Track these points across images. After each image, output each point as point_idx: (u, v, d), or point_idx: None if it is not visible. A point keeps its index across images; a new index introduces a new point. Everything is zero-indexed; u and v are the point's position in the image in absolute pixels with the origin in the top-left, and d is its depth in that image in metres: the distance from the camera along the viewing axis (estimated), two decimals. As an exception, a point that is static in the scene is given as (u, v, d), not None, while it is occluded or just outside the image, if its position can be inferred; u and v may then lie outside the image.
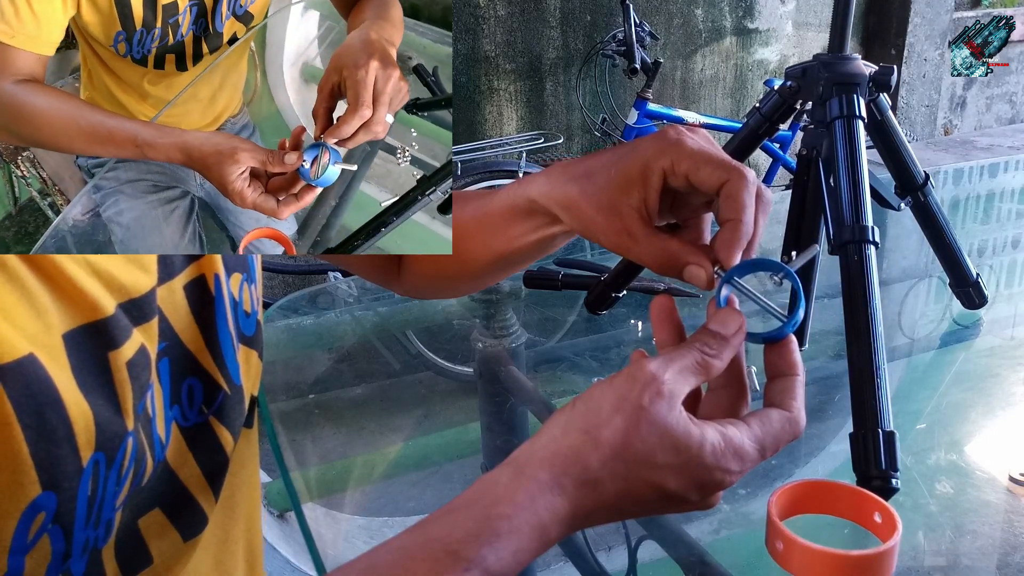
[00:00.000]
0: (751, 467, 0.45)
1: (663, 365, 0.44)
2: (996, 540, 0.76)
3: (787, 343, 0.49)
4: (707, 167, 0.47)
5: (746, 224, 0.47)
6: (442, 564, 0.39)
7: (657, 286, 1.16)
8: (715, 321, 0.47)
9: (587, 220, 0.50)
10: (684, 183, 0.49)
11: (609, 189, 0.50)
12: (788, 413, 0.46)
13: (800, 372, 0.48)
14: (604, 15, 3.46)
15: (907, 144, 0.98)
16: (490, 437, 1.08)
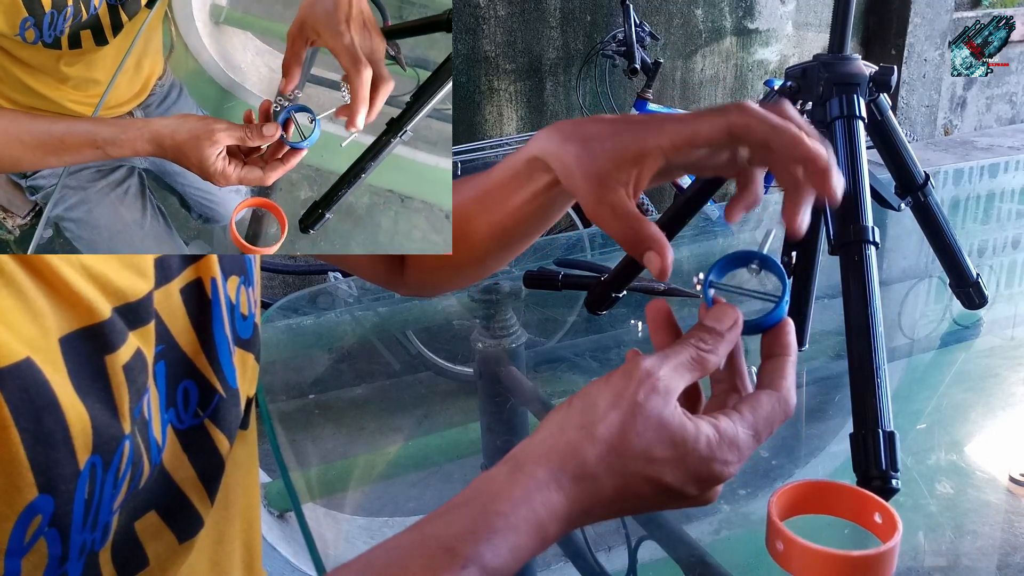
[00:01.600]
0: (748, 454, 0.45)
1: (658, 362, 0.44)
2: (996, 540, 0.76)
3: (782, 324, 0.49)
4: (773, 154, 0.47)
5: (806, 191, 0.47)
6: (439, 561, 0.39)
7: (657, 286, 1.16)
8: (709, 317, 0.47)
9: (574, 184, 0.51)
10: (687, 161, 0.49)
11: (603, 159, 0.50)
12: (777, 393, 0.46)
13: (792, 353, 0.48)
14: (604, 15, 3.46)
15: (907, 144, 0.98)
16: (490, 437, 1.08)
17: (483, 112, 3.37)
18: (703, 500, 0.46)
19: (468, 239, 0.61)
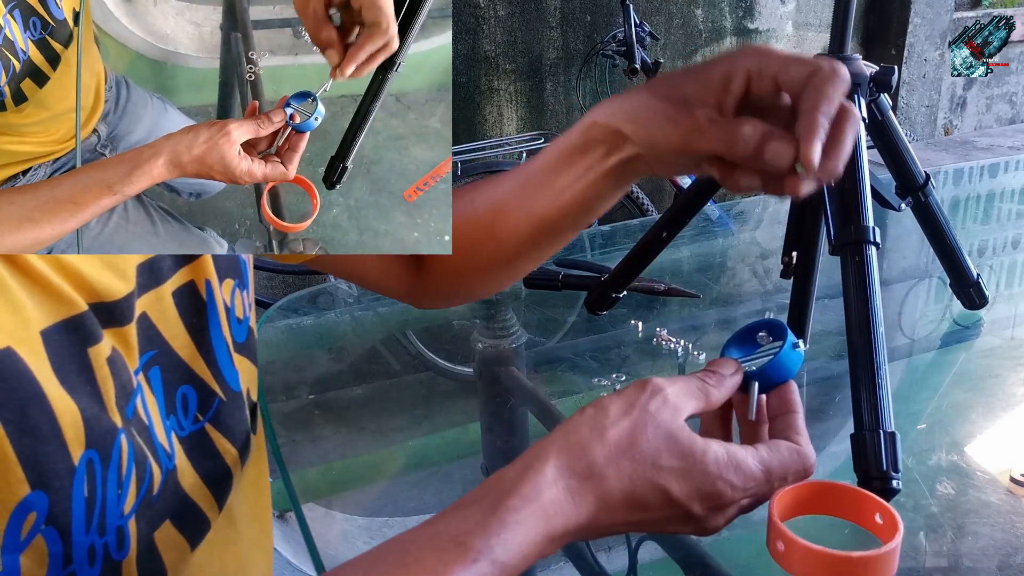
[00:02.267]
0: (754, 489, 0.46)
1: (668, 382, 0.47)
2: (997, 541, 0.76)
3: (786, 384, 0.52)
4: (796, 64, 0.47)
5: (824, 115, 0.45)
6: (450, 554, 0.40)
7: (657, 286, 1.16)
8: (713, 364, 0.51)
9: (659, 119, 0.49)
10: (770, 86, 0.47)
11: (686, 88, 0.49)
12: (796, 446, 0.48)
13: (799, 409, 0.51)
14: (604, 15, 3.45)
15: (908, 144, 0.98)
16: (490, 437, 1.08)
17: (483, 112, 3.37)
18: (709, 524, 0.46)
19: (501, 234, 0.60)
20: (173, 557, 0.47)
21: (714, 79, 0.48)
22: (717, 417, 0.52)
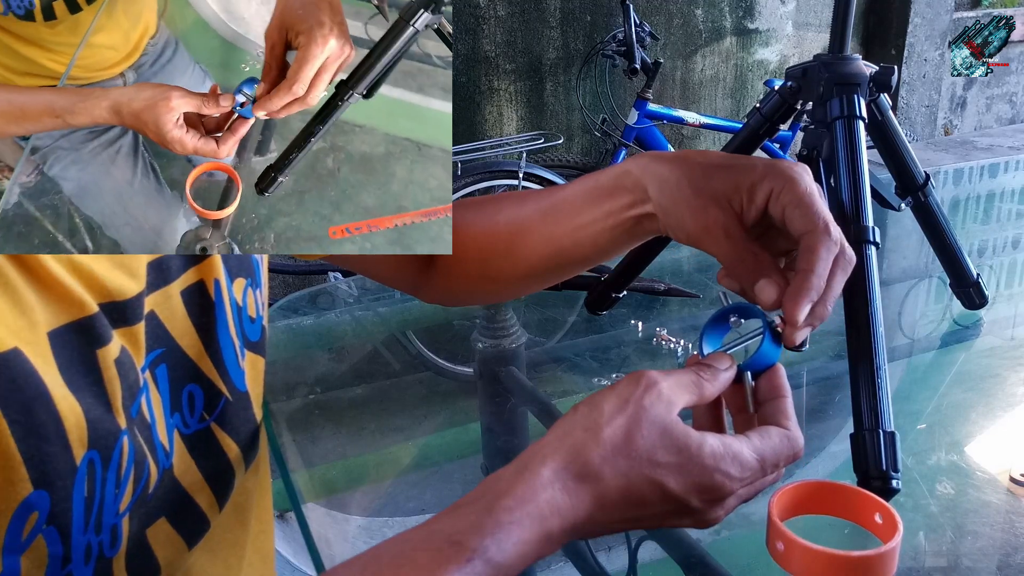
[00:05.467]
0: (751, 478, 0.46)
1: (662, 376, 0.46)
2: (997, 541, 0.76)
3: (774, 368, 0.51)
4: (801, 210, 0.48)
5: (817, 277, 0.47)
6: (444, 554, 0.40)
7: (657, 286, 1.16)
8: (708, 358, 0.51)
9: (680, 200, 0.50)
10: (779, 215, 0.49)
11: (715, 181, 0.50)
12: (785, 431, 0.48)
13: (788, 394, 0.50)
14: (604, 15, 3.46)
15: (907, 144, 0.98)
16: (490, 437, 1.08)
17: (483, 112, 3.37)
18: (708, 517, 0.46)
19: (517, 254, 0.60)
20: (168, 554, 0.47)
21: (743, 185, 0.50)
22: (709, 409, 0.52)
